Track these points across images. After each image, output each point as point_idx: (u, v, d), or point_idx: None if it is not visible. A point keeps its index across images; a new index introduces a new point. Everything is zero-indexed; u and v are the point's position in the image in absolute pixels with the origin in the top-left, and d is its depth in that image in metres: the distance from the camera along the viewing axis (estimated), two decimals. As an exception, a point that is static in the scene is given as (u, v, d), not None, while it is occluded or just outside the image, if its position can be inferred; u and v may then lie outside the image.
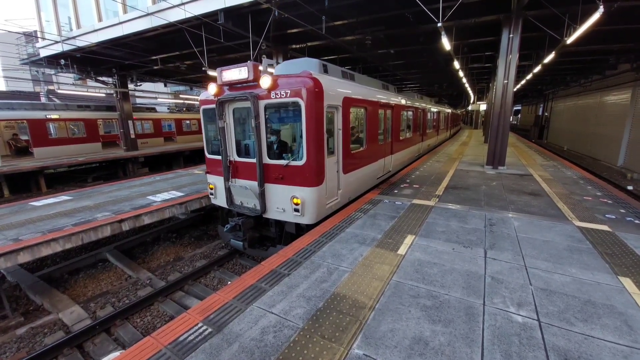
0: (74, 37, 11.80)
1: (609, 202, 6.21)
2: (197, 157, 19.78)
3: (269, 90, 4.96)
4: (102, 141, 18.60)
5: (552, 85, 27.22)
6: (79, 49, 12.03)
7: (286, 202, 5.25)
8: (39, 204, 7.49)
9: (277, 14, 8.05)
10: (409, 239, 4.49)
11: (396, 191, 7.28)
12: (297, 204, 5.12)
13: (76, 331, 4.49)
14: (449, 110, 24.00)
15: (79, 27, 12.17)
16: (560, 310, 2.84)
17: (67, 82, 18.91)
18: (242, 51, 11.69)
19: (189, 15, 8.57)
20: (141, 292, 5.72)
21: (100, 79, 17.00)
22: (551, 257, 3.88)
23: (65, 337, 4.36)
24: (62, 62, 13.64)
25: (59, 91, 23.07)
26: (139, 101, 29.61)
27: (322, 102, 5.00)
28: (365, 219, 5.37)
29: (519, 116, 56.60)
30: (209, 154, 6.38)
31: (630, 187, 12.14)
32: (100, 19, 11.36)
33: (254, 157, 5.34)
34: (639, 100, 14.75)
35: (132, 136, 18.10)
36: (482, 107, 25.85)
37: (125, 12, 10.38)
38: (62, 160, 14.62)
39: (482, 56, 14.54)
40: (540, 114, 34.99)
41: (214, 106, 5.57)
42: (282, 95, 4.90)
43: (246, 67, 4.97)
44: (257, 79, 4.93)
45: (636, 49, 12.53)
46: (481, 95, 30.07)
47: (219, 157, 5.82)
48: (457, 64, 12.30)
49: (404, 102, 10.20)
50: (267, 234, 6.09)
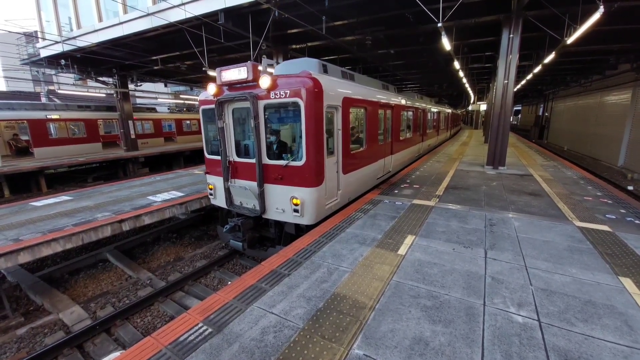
0: (74, 38, 11.82)
1: (609, 202, 6.21)
2: (197, 157, 19.78)
3: (269, 90, 4.94)
4: (102, 141, 18.62)
5: (552, 85, 27.19)
6: (79, 49, 12.04)
7: (286, 202, 5.24)
8: (40, 204, 7.49)
9: (277, 14, 8.06)
10: (409, 239, 4.48)
11: (396, 191, 7.28)
12: (296, 205, 5.11)
13: (76, 331, 4.49)
14: (449, 110, 23.97)
15: (79, 27, 12.20)
16: (560, 310, 2.84)
17: (67, 83, 18.91)
18: (242, 51, 11.71)
19: (189, 15, 8.59)
20: (141, 292, 5.73)
21: (100, 79, 17.02)
22: (551, 257, 3.88)
23: (65, 337, 4.36)
24: (63, 62, 13.66)
25: (59, 91, 23.07)
26: (139, 101, 29.60)
27: (321, 102, 4.99)
28: (365, 219, 5.36)
29: (519, 116, 56.48)
30: (209, 154, 6.37)
31: (630, 187, 12.14)
32: (100, 19, 11.39)
33: (254, 158, 5.33)
34: (639, 100, 14.75)
35: (133, 136, 18.11)
36: (482, 107, 25.86)
37: (125, 12, 10.40)
38: (63, 160, 14.63)
39: (482, 56, 14.53)
40: (540, 114, 34.97)
41: (213, 106, 5.56)
42: (282, 95, 4.89)
43: (245, 67, 4.96)
44: (256, 79, 4.92)
45: (636, 49, 12.53)
46: (481, 95, 30.03)
47: (219, 158, 5.81)
48: (457, 64, 12.31)
49: (404, 102, 10.19)
50: (267, 235, 6.08)
